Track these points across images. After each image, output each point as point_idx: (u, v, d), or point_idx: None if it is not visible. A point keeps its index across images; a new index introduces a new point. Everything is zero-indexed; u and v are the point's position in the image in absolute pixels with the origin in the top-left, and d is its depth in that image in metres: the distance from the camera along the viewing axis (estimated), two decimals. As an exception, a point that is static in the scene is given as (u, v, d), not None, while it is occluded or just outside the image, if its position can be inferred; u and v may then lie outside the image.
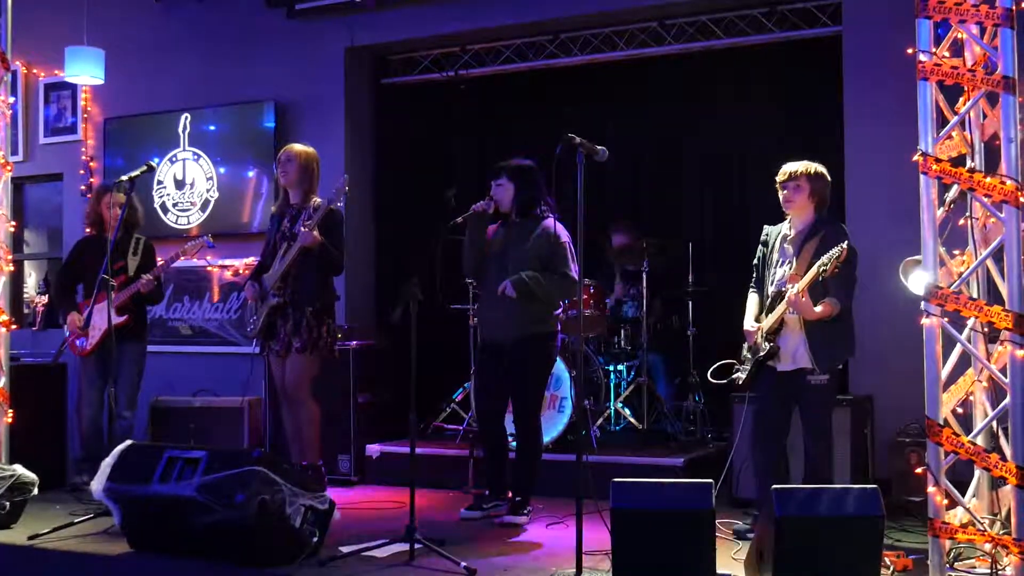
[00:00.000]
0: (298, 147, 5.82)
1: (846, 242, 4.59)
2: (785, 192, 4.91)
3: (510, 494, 5.57)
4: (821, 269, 4.56)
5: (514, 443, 5.70)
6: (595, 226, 7.73)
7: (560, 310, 6.85)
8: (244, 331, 7.72)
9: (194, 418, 7.30)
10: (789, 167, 4.94)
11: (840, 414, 5.47)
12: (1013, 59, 4.08)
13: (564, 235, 5.45)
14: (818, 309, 4.66)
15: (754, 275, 5.12)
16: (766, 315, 4.90)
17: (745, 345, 5.01)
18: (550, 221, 5.50)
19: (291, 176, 5.75)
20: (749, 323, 5.00)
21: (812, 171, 4.90)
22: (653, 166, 8.09)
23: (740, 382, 5.01)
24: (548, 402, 6.54)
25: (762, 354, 4.85)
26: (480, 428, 5.83)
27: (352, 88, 7.88)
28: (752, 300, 5.08)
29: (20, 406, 6.05)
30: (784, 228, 5.00)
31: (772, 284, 4.93)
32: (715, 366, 5.36)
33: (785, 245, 4.95)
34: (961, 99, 4.39)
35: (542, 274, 5.38)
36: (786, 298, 4.69)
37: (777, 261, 4.96)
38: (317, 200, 5.72)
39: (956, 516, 4.30)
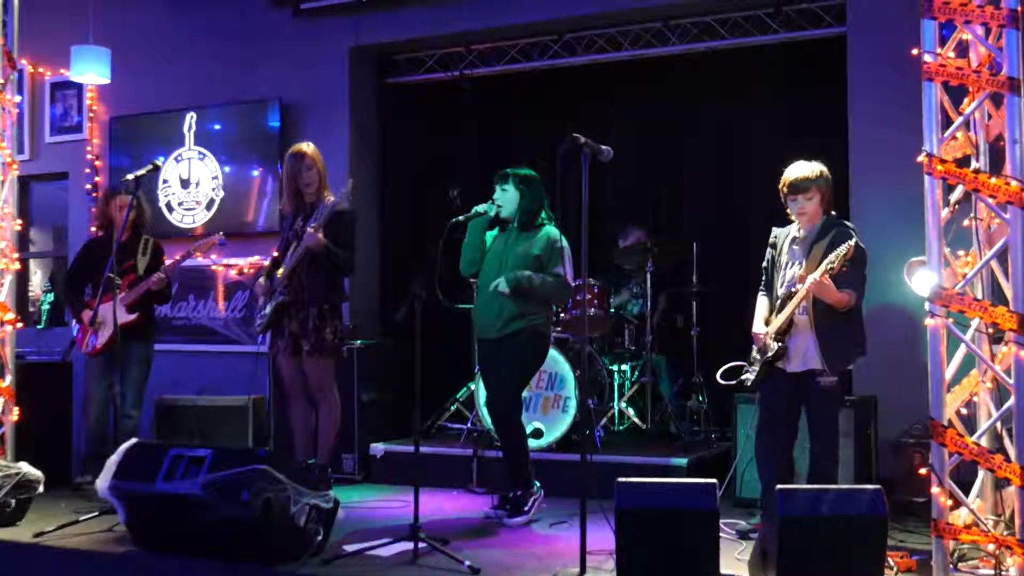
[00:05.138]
0: (310, 151, 5.80)
1: (853, 239, 4.59)
2: (799, 205, 4.84)
3: (511, 494, 5.58)
4: (828, 267, 4.55)
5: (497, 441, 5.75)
6: (599, 225, 7.79)
7: (562, 311, 6.91)
8: (249, 330, 7.74)
9: (199, 416, 7.32)
10: (797, 177, 4.83)
11: (844, 414, 5.47)
12: (1018, 60, 4.08)
13: (562, 240, 5.47)
14: (839, 294, 4.62)
15: (763, 278, 5.08)
16: (775, 317, 4.89)
17: (754, 347, 4.99)
18: (549, 227, 5.54)
19: (315, 184, 5.78)
20: (758, 326, 4.97)
21: (820, 175, 4.84)
22: (657, 166, 8.09)
23: (749, 383, 5.00)
24: (552, 402, 6.56)
25: (770, 354, 4.83)
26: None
27: (357, 87, 7.89)
28: (761, 303, 5.05)
29: (26, 404, 6.07)
30: (792, 230, 4.98)
31: (782, 286, 4.91)
32: (724, 368, 5.35)
33: (794, 247, 4.93)
34: (966, 100, 4.38)
35: (536, 274, 5.41)
36: (807, 284, 4.63)
37: (786, 263, 4.93)
38: (331, 197, 5.74)
39: (960, 517, 4.30)
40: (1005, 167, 4.15)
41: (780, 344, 4.82)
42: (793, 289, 4.78)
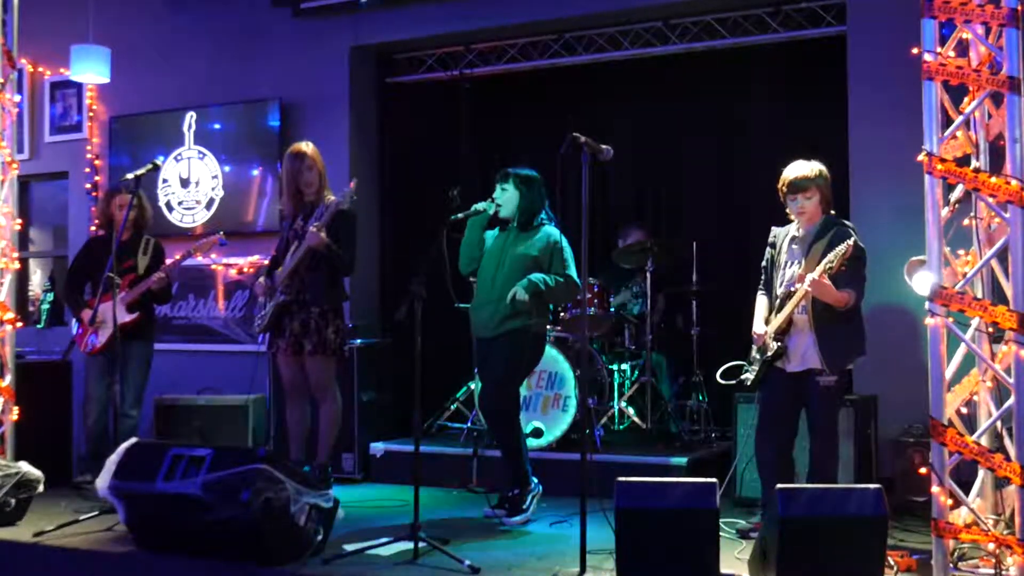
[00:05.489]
0: (310, 150, 5.80)
1: (852, 238, 4.59)
2: (798, 204, 4.85)
3: (510, 494, 5.58)
4: (827, 266, 4.55)
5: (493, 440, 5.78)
6: (600, 224, 7.79)
7: (562, 310, 6.91)
8: (249, 329, 7.74)
9: (199, 416, 7.31)
10: (796, 176, 4.84)
11: (844, 414, 5.47)
12: (1018, 59, 4.08)
13: (564, 241, 5.49)
14: (838, 294, 4.61)
15: (763, 277, 5.08)
16: (775, 316, 4.88)
17: (754, 347, 4.98)
18: (550, 228, 5.55)
19: (315, 184, 5.78)
20: (758, 326, 4.96)
21: (819, 174, 4.85)
22: (657, 165, 8.09)
23: (748, 383, 5.00)
24: (552, 401, 6.56)
25: (769, 354, 4.83)
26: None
27: (357, 87, 7.89)
28: (761, 303, 5.05)
29: (25, 403, 6.07)
30: (792, 229, 4.98)
31: (780, 285, 4.90)
32: (724, 367, 5.35)
33: (793, 246, 4.92)
34: (966, 99, 4.38)
35: (548, 276, 5.41)
36: (806, 282, 4.62)
37: (785, 262, 4.93)
38: (331, 197, 5.74)
39: (960, 516, 4.30)
40: (1005, 166, 4.15)
41: (779, 343, 4.82)
42: (792, 288, 4.78)
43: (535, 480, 5.57)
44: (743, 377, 5.03)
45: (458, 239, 5.68)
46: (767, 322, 4.94)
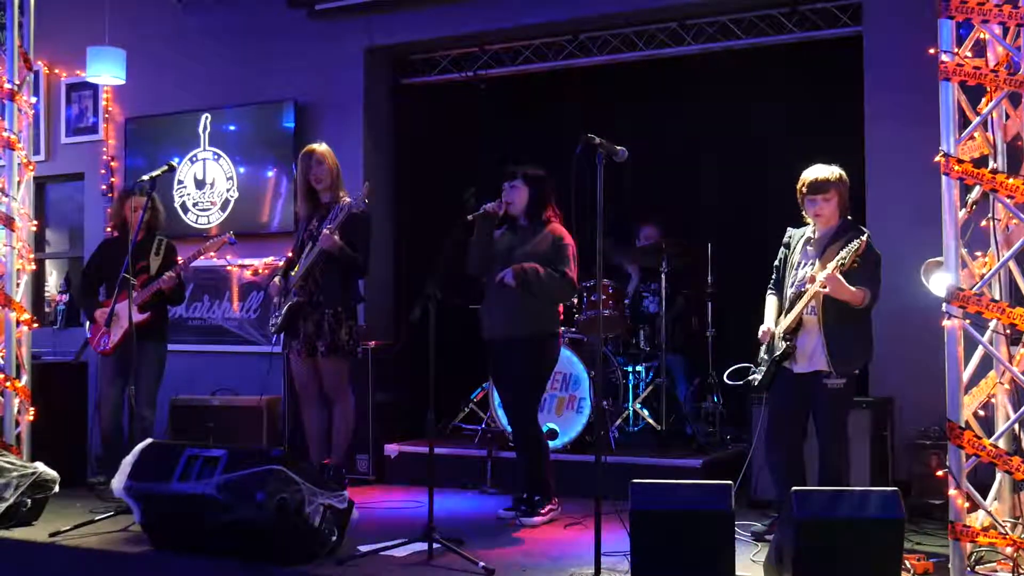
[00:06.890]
0: (322, 148, 5.85)
1: (865, 235, 4.57)
2: (817, 206, 4.85)
3: (525, 495, 5.57)
4: (840, 263, 4.54)
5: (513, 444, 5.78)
6: (614, 225, 7.77)
7: (577, 312, 6.90)
8: (263, 330, 7.76)
9: (213, 417, 7.33)
10: (816, 177, 4.84)
11: (860, 416, 5.46)
12: (1036, 59, 4.06)
13: (568, 239, 5.49)
14: (853, 289, 4.60)
15: (773, 276, 5.08)
16: (784, 316, 4.87)
17: (763, 347, 4.98)
18: (556, 225, 5.55)
19: (326, 181, 5.80)
20: (768, 326, 4.97)
21: (839, 177, 4.85)
22: (673, 166, 8.07)
23: (756, 383, 4.99)
24: (567, 403, 6.55)
25: (778, 353, 4.82)
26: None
27: (371, 88, 7.90)
28: (771, 303, 5.04)
29: (41, 404, 6.09)
30: (808, 231, 4.97)
31: (792, 286, 4.90)
32: (732, 368, 5.34)
33: (808, 247, 4.92)
34: (983, 99, 4.36)
35: (542, 268, 5.39)
36: (821, 277, 4.61)
37: (799, 263, 4.92)
38: (346, 199, 5.75)
39: (977, 519, 4.28)
40: (1023, 167, 4.12)
41: (788, 343, 4.81)
42: (803, 289, 4.77)
43: (556, 499, 5.57)
44: (751, 377, 5.03)
45: (467, 241, 5.67)
46: (777, 322, 4.93)
